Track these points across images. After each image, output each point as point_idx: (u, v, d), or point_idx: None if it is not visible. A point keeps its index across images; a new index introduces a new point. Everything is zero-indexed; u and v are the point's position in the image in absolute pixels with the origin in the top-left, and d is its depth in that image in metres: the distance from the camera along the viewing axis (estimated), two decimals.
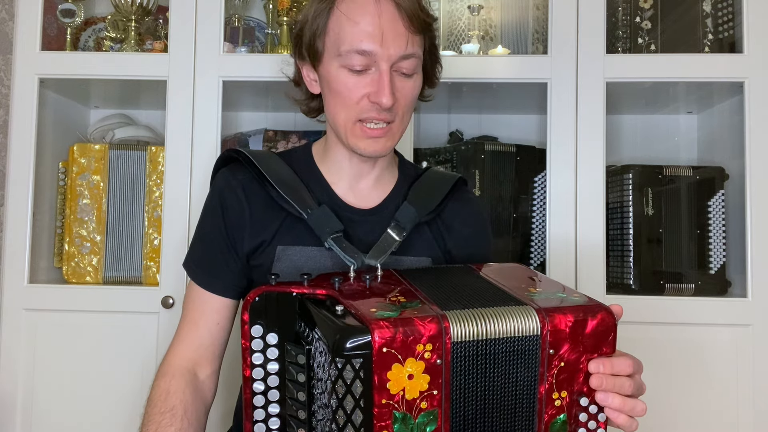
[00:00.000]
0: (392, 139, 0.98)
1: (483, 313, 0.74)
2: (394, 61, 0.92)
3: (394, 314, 0.72)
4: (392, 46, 0.91)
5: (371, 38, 0.91)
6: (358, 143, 0.96)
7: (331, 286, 0.80)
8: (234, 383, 1.20)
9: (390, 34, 0.91)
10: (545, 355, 0.75)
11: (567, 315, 0.76)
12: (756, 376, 1.47)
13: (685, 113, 1.83)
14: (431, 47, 1.01)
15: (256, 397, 0.80)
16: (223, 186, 1.03)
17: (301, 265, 0.98)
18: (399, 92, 0.94)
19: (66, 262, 1.60)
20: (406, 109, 0.97)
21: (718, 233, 1.58)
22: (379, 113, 0.93)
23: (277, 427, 0.81)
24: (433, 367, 0.71)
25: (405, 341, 0.70)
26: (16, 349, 1.53)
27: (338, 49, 0.93)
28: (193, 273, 1.04)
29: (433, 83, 1.07)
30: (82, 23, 1.74)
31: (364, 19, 0.91)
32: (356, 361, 0.69)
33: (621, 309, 0.83)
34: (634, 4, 1.60)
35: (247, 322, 0.80)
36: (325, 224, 0.97)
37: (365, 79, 0.93)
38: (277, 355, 0.80)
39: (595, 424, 0.80)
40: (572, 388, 0.78)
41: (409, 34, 0.92)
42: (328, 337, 0.72)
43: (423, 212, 1.03)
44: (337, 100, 0.96)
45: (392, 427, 0.70)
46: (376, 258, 0.95)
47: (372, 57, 0.91)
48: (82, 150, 1.61)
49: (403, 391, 0.70)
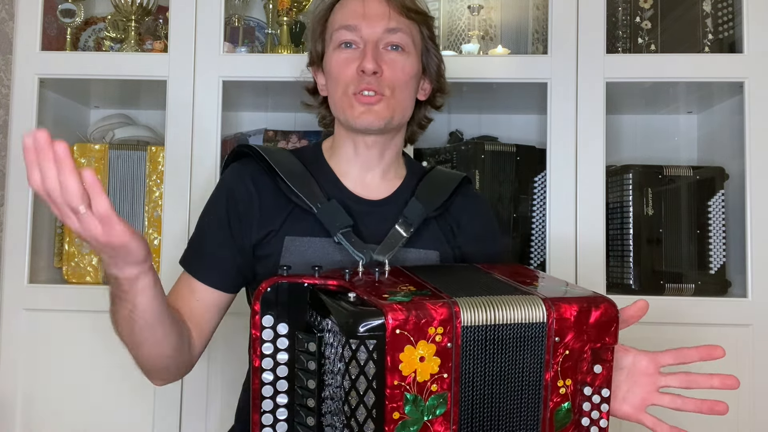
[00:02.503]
0: (386, 110, 1.00)
1: (492, 301, 0.77)
2: (380, 35, 1.00)
3: (407, 299, 0.74)
4: (375, 19, 1.01)
5: (356, 15, 1.01)
6: (354, 114, 1.00)
7: (342, 277, 0.82)
8: (234, 383, 1.20)
9: (373, 11, 1.01)
10: (551, 342, 0.78)
11: (572, 305, 0.79)
12: (756, 376, 1.47)
13: (685, 113, 1.83)
14: (429, 38, 1.07)
15: (265, 387, 0.81)
16: (233, 178, 1.05)
17: (309, 257, 1.00)
18: (387, 65, 1.00)
19: (66, 262, 1.60)
20: (399, 84, 1.01)
21: (718, 233, 1.59)
22: (368, 83, 0.99)
23: (285, 417, 0.82)
24: (444, 351, 0.73)
25: (417, 323, 0.72)
26: (16, 349, 1.53)
27: (332, 36, 1.03)
28: (184, 259, 1.05)
29: (443, 87, 1.12)
30: (82, 23, 1.74)
31: (350, 4, 1.03)
32: (370, 342, 0.72)
33: (647, 304, 0.88)
34: (634, 4, 1.60)
35: (258, 312, 0.81)
36: (335, 219, 0.99)
37: (355, 53, 1.01)
38: (287, 345, 0.82)
39: (597, 414, 0.83)
40: (576, 376, 0.80)
41: (391, 11, 1.01)
42: (343, 320, 0.74)
43: (430, 208, 1.05)
44: (334, 80, 1.03)
45: (403, 408, 0.72)
46: (384, 254, 0.97)
47: (358, 31, 1.01)
48: (82, 150, 1.62)
49: (415, 374, 0.72)
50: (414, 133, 1.15)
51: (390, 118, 1.01)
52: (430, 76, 1.09)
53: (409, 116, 1.08)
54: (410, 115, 1.08)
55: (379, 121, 1.00)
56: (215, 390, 1.53)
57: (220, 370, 1.52)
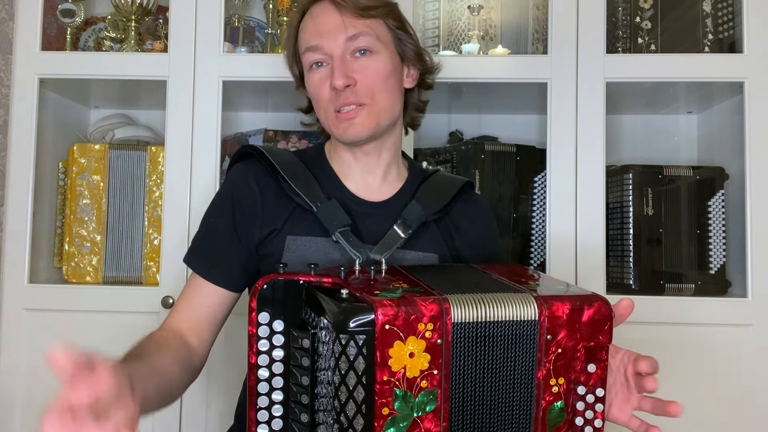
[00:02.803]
0: (369, 119, 1.00)
1: (483, 298, 0.77)
2: (343, 47, 1.00)
3: (397, 295, 0.75)
4: (332, 33, 1.00)
5: (313, 34, 1.02)
6: (339, 131, 1.01)
7: (337, 275, 0.82)
8: (234, 383, 1.20)
9: (327, 26, 1.00)
10: (543, 340, 0.78)
11: (564, 303, 0.79)
12: (756, 376, 1.47)
13: (685, 113, 1.83)
14: (398, 27, 1.05)
15: (261, 384, 0.82)
16: (237, 178, 1.06)
17: (309, 256, 1.01)
18: (359, 73, 1.00)
19: (66, 262, 1.60)
20: (375, 88, 1.00)
21: (718, 233, 1.59)
22: (345, 98, 0.99)
23: (280, 414, 0.82)
24: (434, 347, 0.73)
25: (407, 319, 0.72)
26: (17, 349, 1.53)
27: (302, 59, 1.05)
28: (188, 258, 1.06)
29: (429, 67, 1.10)
30: (82, 23, 1.74)
31: (309, 26, 1.03)
32: (359, 337, 0.72)
33: (632, 303, 0.87)
34: (634, 4, 1.60)
35: (254, 309, 0.82)
36: (334, 217, 1.00)
37: (326, 71, 1.01)
38: (282, 342, 0.82)
39: (592, 414, 0.82)
40: (569, 375, 0.80)
41: (345, 19, 1.00)
42: (333, 315, 0.75)
43: (430, 211, 1.05)
44: (316, 102, 1.05)
45: (393, 404, 0.72)
46: (381, 253, 0.97)
47: (321, 50, 1.01)
48: (82, 150, 1.62)
49: (404, 369, 0.72)
50: (414, 118, 1.14)
51: (375, 125, 1.01)
52: (411, 61, 1.07)
53: (398, 112, 1.07)
54: (398, 110, 1.07)
55: (365, 131, 1.00)
56: (215, 390, 1.53)
57: (221, 370, 1.52)
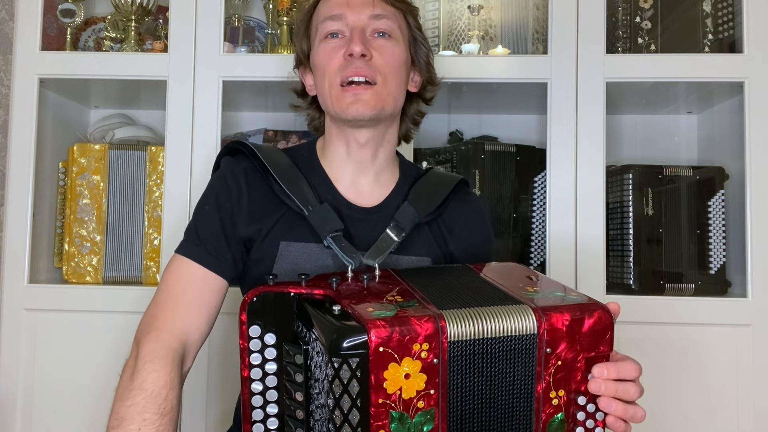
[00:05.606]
0: (376, 99, 0.98)
1: (480, 313, 0.74)
2: (366, 22, 1.00)
3: (391, 314, 0.72)
4: (359, 6, 1.01)
5: (340, 4, 1.01)
6: (342, 106, 0.99)
7: (328, 286, 0.80)
8: (234, 383, 1.20)
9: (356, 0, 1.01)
10: (542, 353, 0.75)
11: (564, 314, 0.76)
12: (756, 376, 1.47)
13: (685, 113, 1.83)
14: (417, 27, 1.07)
15: (255, 398, 0.80)
16: (224, 171, 1.04)
17: (302, 263, 0.98)
18: (376, 50, 1.00)
19: (66, 262, 1.60)
20: (390, 70, 1.00)
21: (718, 233, 1.58)
22: (357, 67, 0.97)
23: (276, 427, 0.81)
24: (430, 367, 0.71)
25: (401, 340, 0.70)
26: (16, 349, 1.53)
27: (317, 29, 1.03)
28: (182, 247, 1.01)
29: (433, 78, 1.10)
30: (82, 23, 1.74)
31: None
32: (353, 360, 0.69)
33: (618, 307, 0.83)
34: (634, 4, 1.60)
35: (245, 322, 0.80)
36: (326, 222, 0.97)
37: (342, 42, 1.00)
38: (275, 355, 0.81)
39: (593, 423, 0.81)
40: (570, 387, 0.78)
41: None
42: (325, 336, 0.72)
43: (423, 213, 1.03)
44: (321, 72, 1.02)
45: (389, 426, 0.70)
46: (374, 258, 0.95)
47: (343, 20, 1.00)
48: (82, 150, 1.62)
49: (400, 391, 0.70)
50: (408, 130, 1.13)
51: (381, 108, 0.99)
52: (420, 66, 1.08)
53: (401, 107, 1.06)
54: (401, 105, 1.06)
55: (370, 110, 0.98)
56: (215, 390, 1.52)
57: (220, 370, 1.52)
